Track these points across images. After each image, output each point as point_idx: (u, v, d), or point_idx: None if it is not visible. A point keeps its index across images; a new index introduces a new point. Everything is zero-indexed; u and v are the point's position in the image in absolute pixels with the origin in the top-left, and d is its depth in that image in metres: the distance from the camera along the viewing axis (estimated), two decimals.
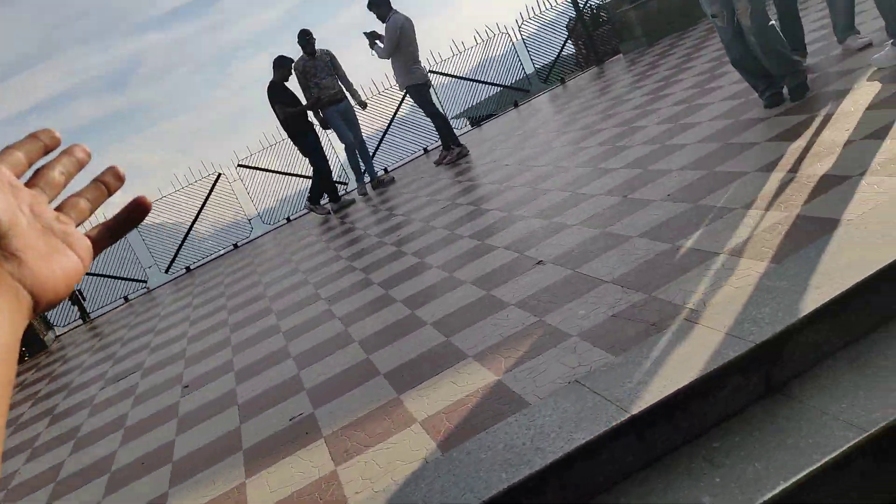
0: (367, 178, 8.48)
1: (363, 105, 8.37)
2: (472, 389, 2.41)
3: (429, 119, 8.00)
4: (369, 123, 10.02)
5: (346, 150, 8.30)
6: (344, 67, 8.27)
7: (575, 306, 2.70)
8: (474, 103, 10.84)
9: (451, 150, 7.88)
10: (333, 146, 9.61)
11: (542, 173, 5.13)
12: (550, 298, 2.88)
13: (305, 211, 8.77)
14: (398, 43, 7.26)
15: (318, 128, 8.21)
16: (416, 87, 7.57)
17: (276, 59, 8.09)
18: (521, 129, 7.92)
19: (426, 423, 2.32)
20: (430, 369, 2.71)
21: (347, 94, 8.13)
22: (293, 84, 8.07)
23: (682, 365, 1.99)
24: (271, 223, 9.82)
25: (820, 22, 5.37)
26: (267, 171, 9.70)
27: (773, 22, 3.79)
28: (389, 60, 7.54)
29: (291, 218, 9.58)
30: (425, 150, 9.99)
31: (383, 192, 8.12)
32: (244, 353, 4.13)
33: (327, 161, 8.44)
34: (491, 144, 7.89)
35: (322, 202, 8.37)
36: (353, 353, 3.29)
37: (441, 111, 8.00)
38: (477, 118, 10.76)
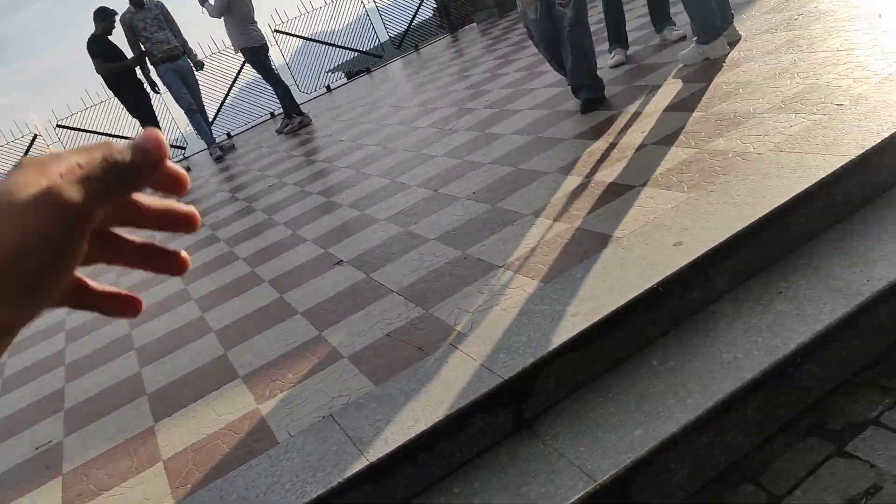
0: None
1: (199, 65, 7.72)
2: (230, 420, 2.19)
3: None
4: (211, 85, 9.36)
5: (186, 113, 7.68)
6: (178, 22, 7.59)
7: (356, 320, 2.53)
8: (327, 68, 10.39)
9: (293, 119, 7.49)
10: (169, 108, 8.91)
11: (370, 154, 4.91)
12: (336, 307, 2.70)
13: None
14: (229, 1, 6.72)
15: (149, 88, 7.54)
16: (252, 49, 7.07)
17: (97, 11, 7.30)
18: (365, 100, 7.63)
19: (170, 462, 2.08)
20: (196, 392, 2.46)
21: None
22: (121, 39, 7.33)
23: (435, 400, 1.86)
24: None
25: (640, 10, 5.43)
26: (90, 132, 8.85)
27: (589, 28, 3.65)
28: (223, 20, 6.99)
29: None
30: (272, 114, 9.50)
31: (222, 158, 7.62)
32: (18, 357, 3.68)
33: (158, 123, 7.81)
34: (335, 114, 7.56)
35: None
36: (126, 364, 2.97)
37: (280, 77, 7.53)
38: (354, 72, 10.33)
